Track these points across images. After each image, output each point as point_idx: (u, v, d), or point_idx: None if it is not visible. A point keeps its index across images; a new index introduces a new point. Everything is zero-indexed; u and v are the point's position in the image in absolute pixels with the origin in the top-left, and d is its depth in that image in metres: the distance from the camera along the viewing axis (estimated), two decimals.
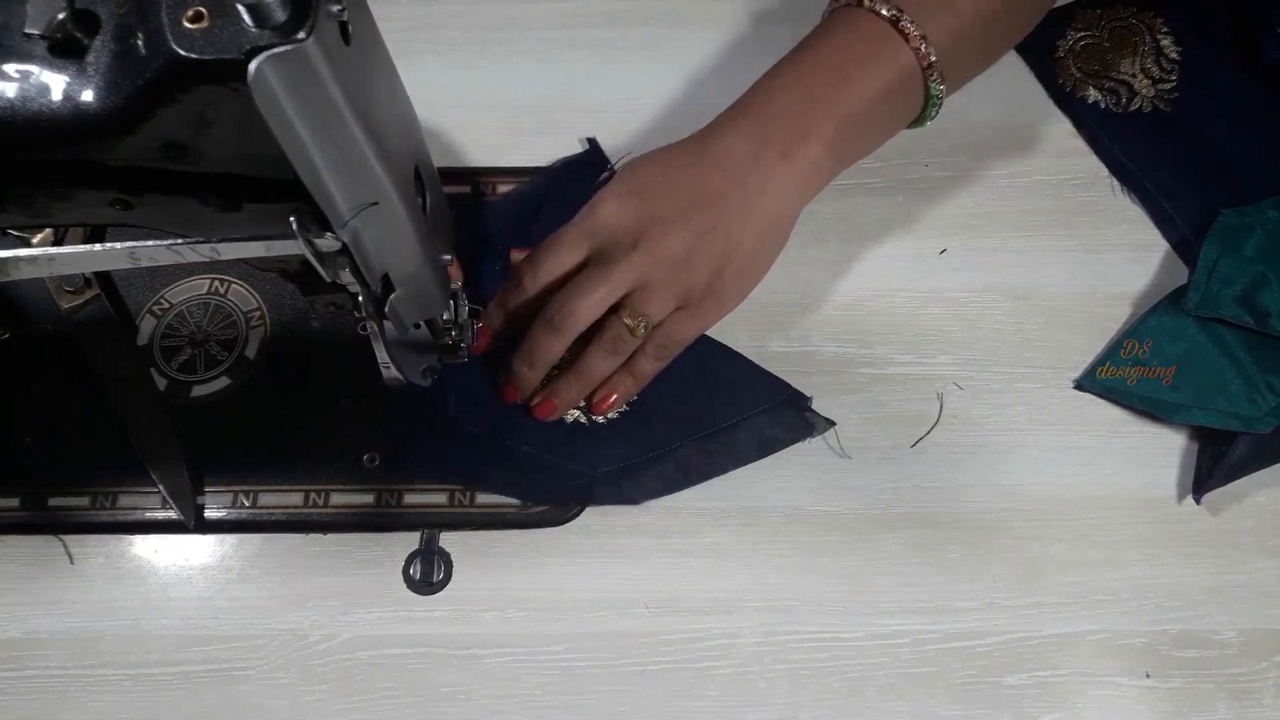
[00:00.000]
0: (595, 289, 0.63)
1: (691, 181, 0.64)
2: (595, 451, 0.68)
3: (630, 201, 0.64)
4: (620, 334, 0.64)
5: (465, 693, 0.62)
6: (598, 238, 0.65)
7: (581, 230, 0.65)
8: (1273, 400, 0.67)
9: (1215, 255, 0.71)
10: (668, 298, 0.64)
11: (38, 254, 0.48)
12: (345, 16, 0.40)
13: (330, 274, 0.50)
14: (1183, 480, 0.67)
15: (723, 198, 0.64)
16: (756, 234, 0.64)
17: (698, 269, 0.63)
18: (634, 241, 0.63)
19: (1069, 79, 0.80)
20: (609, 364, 0.66)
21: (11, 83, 0.40)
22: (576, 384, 0.67)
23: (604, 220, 0.65)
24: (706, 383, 0.70)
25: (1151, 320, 0.70)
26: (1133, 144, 0.77)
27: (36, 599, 0.65)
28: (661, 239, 0.63)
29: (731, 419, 0.69)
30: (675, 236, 0.63)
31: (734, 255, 0.64)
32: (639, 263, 0.63)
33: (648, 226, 0.63)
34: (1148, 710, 0.62)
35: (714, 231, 0.63)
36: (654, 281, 0.63)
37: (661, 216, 0.63)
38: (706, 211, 0.63)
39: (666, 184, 0.65)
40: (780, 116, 0.64)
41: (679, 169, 0.65)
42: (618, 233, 0.64)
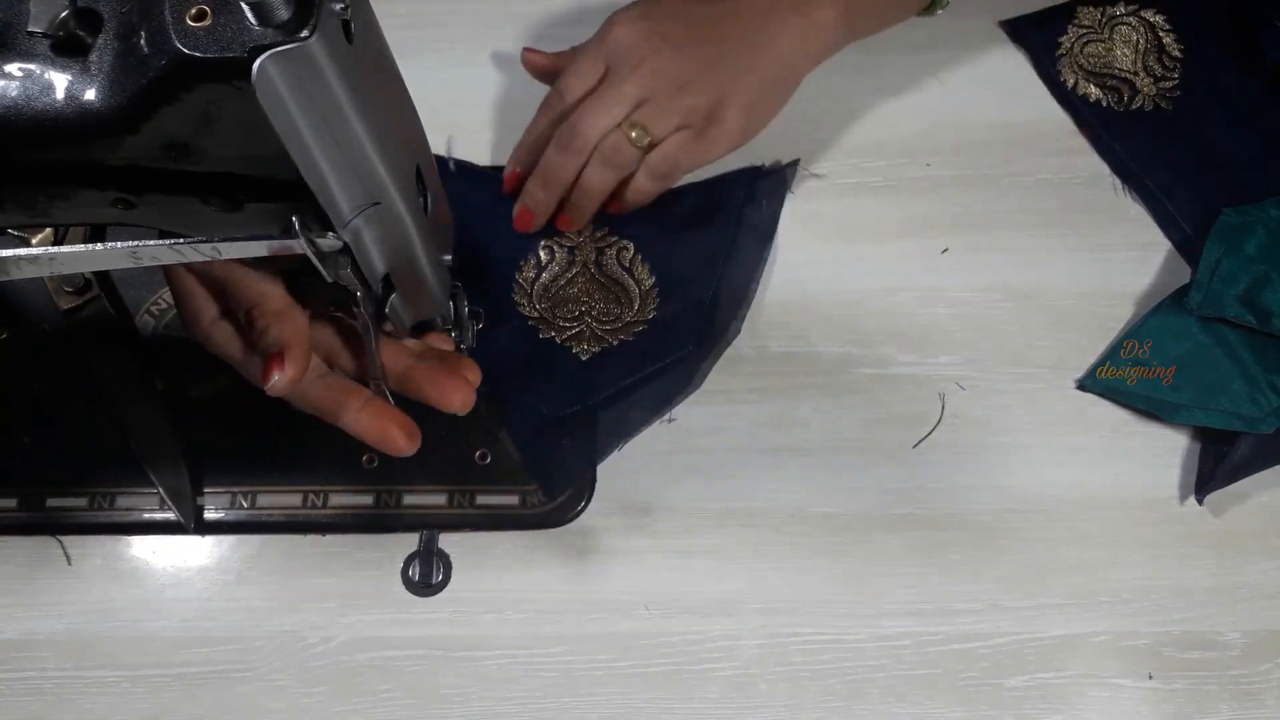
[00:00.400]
0: (601, 105, 0.65)
1: (705, 16, 0.67)
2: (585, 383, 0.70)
3: (642, 24, 0.67)
4: (619, 143, 0.66)
5: (464, 695, 0.62)
6: (610, 55, 0.67)
7: (595, 51, 0.67)
8: (1275, 400, 0.67)
9: (1218, 254, 0.71)
10: (669, 115, 0.65)
11: (38, 253, 0.48)
12: (348, 15, 0.39)
13: (331, 274, 0.49)
14: (1185, 481, 0.67)
15: (734, 36, 0.66)
16: (761, 75, 0.66)
17: (701, 93, 0.65)
18: (641, 59, 0.65)
19: (1071, 77, 0.79)
20: (607, 175, 0.67)
21: (14, 81, 0.39)
22: (583, 199, 0.69)
23: (615, 39, 0.67)
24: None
25: (1154, 320, 0.70)
26: (1134, 142, 0.77)
27: (34, 600, 0.65)
28: (669, 58, 0.65)
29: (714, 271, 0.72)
30: (683, 59, 0.65)
31: (738, 90, 0.65)
32: (644, 78, 0.65)
33: (658, 45, 0.65)
34: (1150, 712, 0.62)
35: (721, 62, 0.65)
36: (657, 98, 0.65)
37: (671, 38, 0.65)
38: (715, 43, 0.66)
39: (680, 13, 0.67)
40: None
41: (694, 4, 0.67)
42: (626, 51, 0.66)
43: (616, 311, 0.71)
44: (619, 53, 0.66)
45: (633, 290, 0.72)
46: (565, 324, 0.71)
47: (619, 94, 0.65)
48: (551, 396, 0.69)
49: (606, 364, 0.70)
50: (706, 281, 0.71)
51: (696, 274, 0.72)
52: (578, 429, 0.68)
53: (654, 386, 0.69)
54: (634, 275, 0.72)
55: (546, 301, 0.71)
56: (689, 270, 0.72)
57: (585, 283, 0.72)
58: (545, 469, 0.67)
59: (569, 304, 0.71)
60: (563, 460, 0.68)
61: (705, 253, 0.72)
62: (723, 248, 0.72)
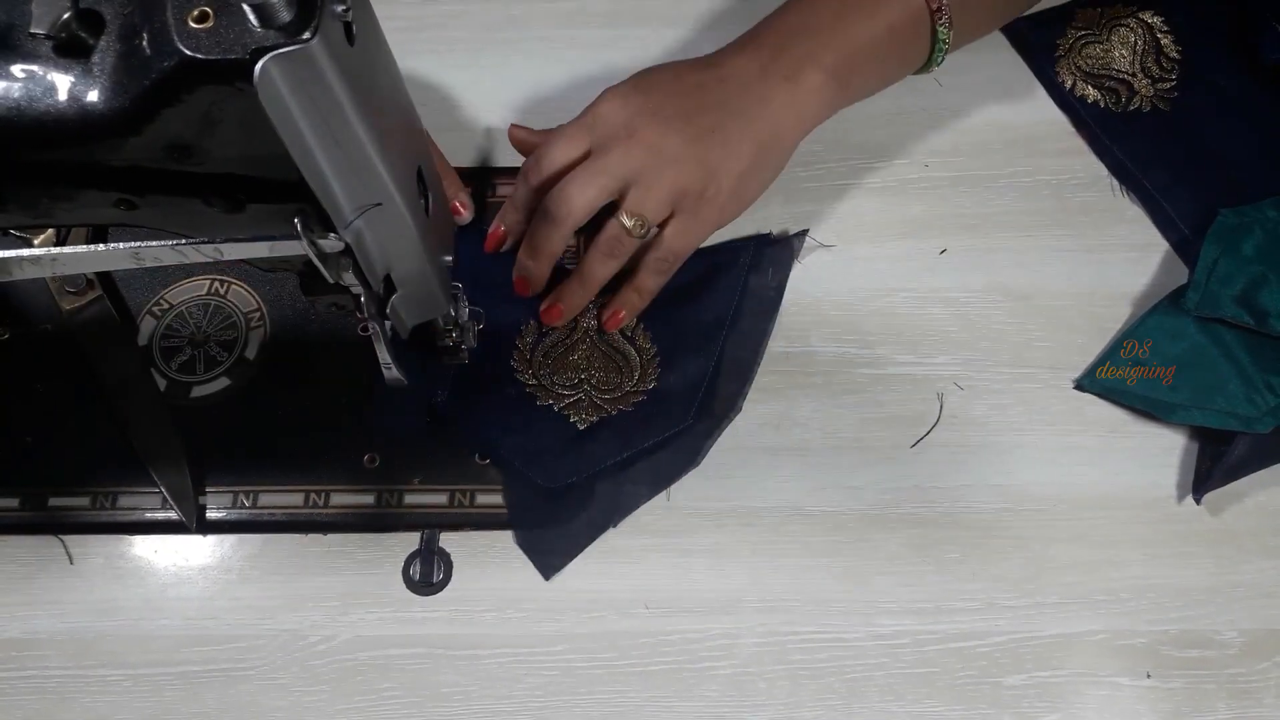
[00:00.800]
0: (590, 178, 0.64)
1: (695, 88, 0.66)
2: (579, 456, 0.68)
3: (633, 98, 0.66)
4: (617, 235, 0.65)
5: (465, 693, 0.62)
6: (597, 130, 0.65)
7: (583, 123, 0.66)
8: (1272, 400, 0.67)
9: (1215, 255, 0.71)
10: (662, 196, 0.64)
11: (40, 254, 0.48)
12: (350, 17, 0.40)
13: (333, 275, 0.50)
14: (1183, 480, 0.67)
15: (723, 106, 0.65)
16: (755, 145, 0.65)
17: (692, 169, 0.64)
18: (630, 133, 0.64)
19: (1069, 78, 0.80)
20: (608, 267, 0.67)
21: (16, 83, 0.40)
22: (580, 288, 0.68)
23: (604, 113, 0.66)
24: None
25: (1151, 320, 0.70)
26: (1132, 143, 0.77)
27: (36, 599, 0.65)
28: (658, 134, 0.64)
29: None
30: (672, 134, 0.64)
31: (731, 162, 0.65)
32: (634, 155, 0.64)
33: (647, 121, 0.64)
34: (1148, 710, 0.62)
35: (711, 135, 0.64)
36: (648, 177, 0.64)
37: (661, 113, 0.64)
38: (706, 115, 0.65)
39: (671, 87, 0.66)
40: (786, 42, 0.66)
41: (685, 76, 0.67)
42: (616, 125, 0.65)
43: (616, 380, 0.70)
44: (607, 127, 0.65)
45: (634, 359, 0.70)
46: (564, 392, 0.69)
47: (607, 167, 0.64)
48: (547, 466, 0.67)
49: (604, 434, 0.68)
50: (708, 351, 0.70)
51: (699, 343, 0.70)
52: (573, 503, 0.66)
53: (653, 461, 0.68)
54: (635, 344, 0.71)
55: (546, 369, 0.70)
56: (691, 339, 0.71)
57: (586, 350, 0.71)
58: (539, 545, 0.66)
59: (568, 372, 0.70)
60: (557, 536, 0.66)
61: (708, 321, 0.71)
62: (726, 317, 0.71)
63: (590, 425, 0.68)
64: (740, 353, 0.70)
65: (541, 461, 0.67)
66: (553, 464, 0.67)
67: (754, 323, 0.71)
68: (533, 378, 0.70)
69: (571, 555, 0.65)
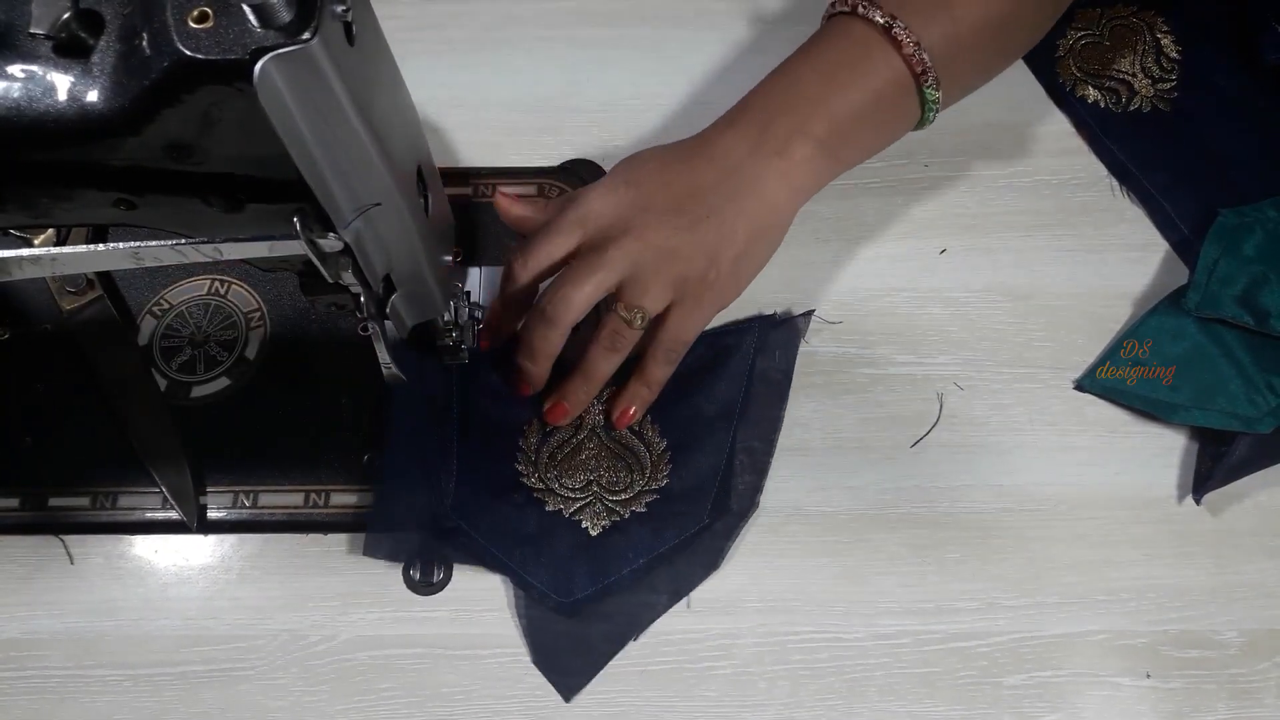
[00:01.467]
0: (586, 277, 0.62)
1: (685, 175, 0.64)
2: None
3: (623, 192, 0.64)
4: (618, 329, 0.64)
5: (465, 693, 0.62)
6: (589, 225, 0.64)
7: (573, 219, 0.64)
8: (1273, 401, 0.67)
9: (1215, 255, 0.71)
10: (662, 288, 0.63)
11: (40, 254, 0.48)
12: (349, 17, 0.40)
13: (333, 274, 0.50)
14: (1183, 481, 0.67)
15: (715, 190, 0.64)
16: (750, 225, 0.64)
17: (690, 258, 0.63)
18: (625, 229, 0.62)
19: (1069, 78, 0.80)
20: (611, 361, 0.65)
21: (16, 83, 0.40)
22: (584, 385, 0.66)
23: (596, 209, 0.64)
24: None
25: (1152, 320, 0.70)
26: (1132, 144, 0.77)
27: (36, 599, 0.65)
28: (653, 227, 0.62)
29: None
30: (667, 225, 0.62)
31: (728, 245, 0.63)
32: (630, 250, 0.62)
33: (639, 215, 0.63)
34: (1148, 710, 0.62)
35: (707, 221, 0.63)
36: (645, 271, 0.62)
37: (654, 206, 0.63)
38: (700, 203, 0.63)
39: (660, 176, 0.64)
40: (774, 116, 0.65)
41: (673, 163, 0.65)
42: (609, 221, 0.63)
43: (627, 480, 0.67)
44: (599, 223, 0.63)
45: (644, 455, 0.68)
46: (573, 495, 0.67)
47: (603, 264, 0.62)
48: (561, 578, 0.64)
49: (618, 540, 0.66)
50: (719, 444, 0.68)
51: (709, 434, 0.68)
52: (590, 617, 0.64)
53: (672, 568, 0.65)
54: (644, 439, 0.68)
55: (553, 470, 0.67)
56: (701, 430, 0.68)
57: (594, 449, 0.68)
58: (557, 664, 0.63)
59: (577, 473, 0.67)
60: (574, 653, 0.64)
61: (717, 411, 0.69)
62: (735, 405, 0.69)
63: (603, 530, 0.66)
64: (753, 443, 0.68)
65: (555, 572, 0.65)
66: (566, 575, 0.65)
67: (764, 410, 0.69)
68: (539, 481, 0.67)
69: (591, 674, 0.63)
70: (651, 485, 0.67)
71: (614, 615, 0.64)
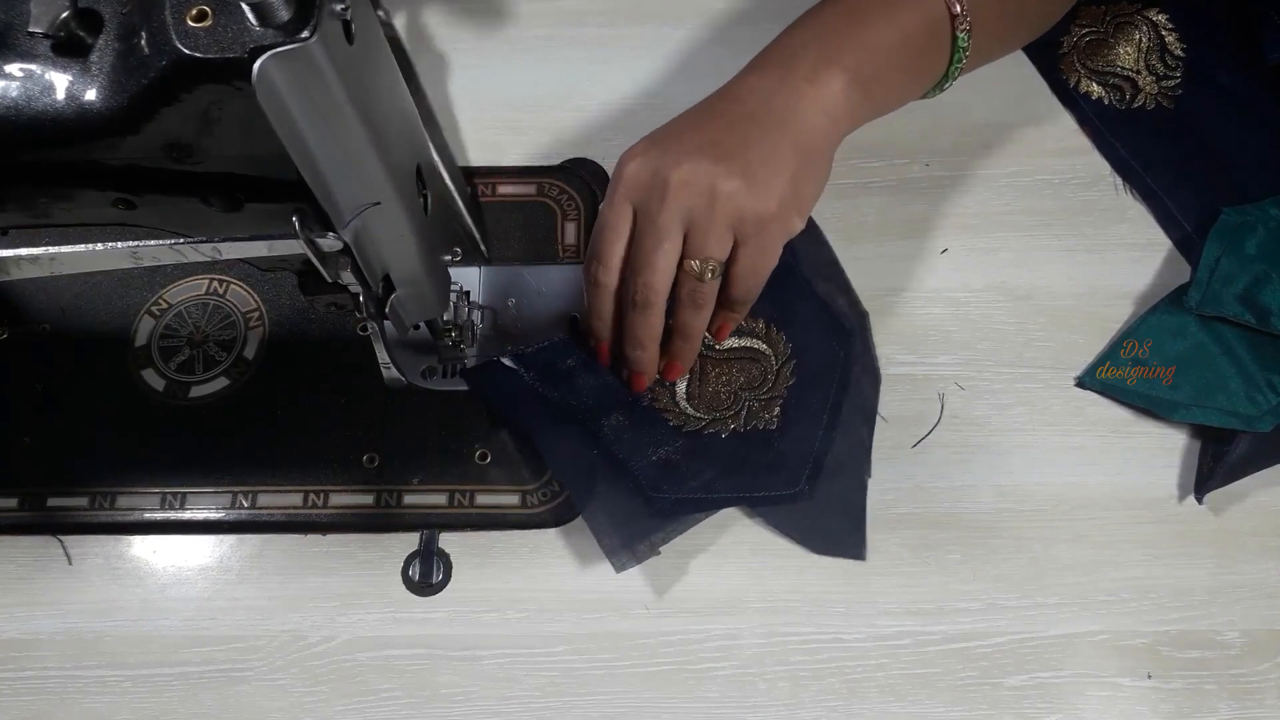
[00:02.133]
0: (651, 249, 0.61)
1: (715, 118, 0.63)
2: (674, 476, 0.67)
3: (654, 150, 0.62)
4: (694, 288, 0.63)
5: (464, 694, 0.62)
6: (633, 196, 0.62)
7: (615, 196, 0.63)
8: (1273, 399, 0.67)
9: (1217, 253, 0.71)
10: (721, 232, 0.61)
11: (39, 253, 0.48)
12: (348, 16, 0.40)
13: (332, 274, 0.50)
14: (1184, 481, 0.67)
15: (749, 123, 0.62)
16: (794, 149, 0.61)
17: (741, 195, 0.60)
18: (665, 186, 0.60)
19: (1072, 75, 0.80)
20: (702, 316, 0.65)
21: (14, 82, 0.40)
22: (685, 343, 0.66)
23: (631, 175, 0.62)
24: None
25: (1153, 319, 0.70)
26: (1135, 141, 0.77)
27: (35, 599, 0.65)
28: (694, 174, 0.60)
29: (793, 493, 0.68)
30: (704, 164, 0.60)
31: (776, 174, 0.61)
32: (678, 205, 0.60)
33: (676, 167, 0.60)
34: (1149, 711, 0.62)
35: (747, 155, 0.61)
36: (700, 220, 0.61)
37: (688, 153, 0.61)
38: (736, 139, 0.61)
39: (689, 125, 0.63)
40: (799, 51, 0.63)
41: (700, 112, 0.64)
42: (647, 181, 0.61)
43: (761, 372, 0.69)
44: (640, 188, 0.62)
45: (758, 348, 0.70)
46: (732, 411, 0.69)
47: (662, 228, 0.61)
48: (783, 475, 0.67)
49: (796, 413, 0.68)
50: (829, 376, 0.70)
51: (823, 338, 0.70)
52: (829, 488, 0.67)
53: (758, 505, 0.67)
54: (749, 331, 0.71)
55: (702, 407, 0.69)
56: (814, 333, 0.71)
57: (716, 368, 0.70)
58: (834, 539, 0.66)
59: (719, 395, 0.69)
60: (844, 517, 0.66)
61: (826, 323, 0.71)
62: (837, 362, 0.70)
63: (778, 419, 0.68)
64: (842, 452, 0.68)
65: (774, 472, 0.67)
66: (782, 469, 0.67)
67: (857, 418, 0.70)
68: (698, 421, 0.69)
69: (863, 530, 0.66)
70: (783, 370, 0.70)
71: (844, 467, 0.67)
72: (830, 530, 0.66)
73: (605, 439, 0.67)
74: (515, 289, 0.72)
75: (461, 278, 0.70)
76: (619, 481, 0.66)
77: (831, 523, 0.66)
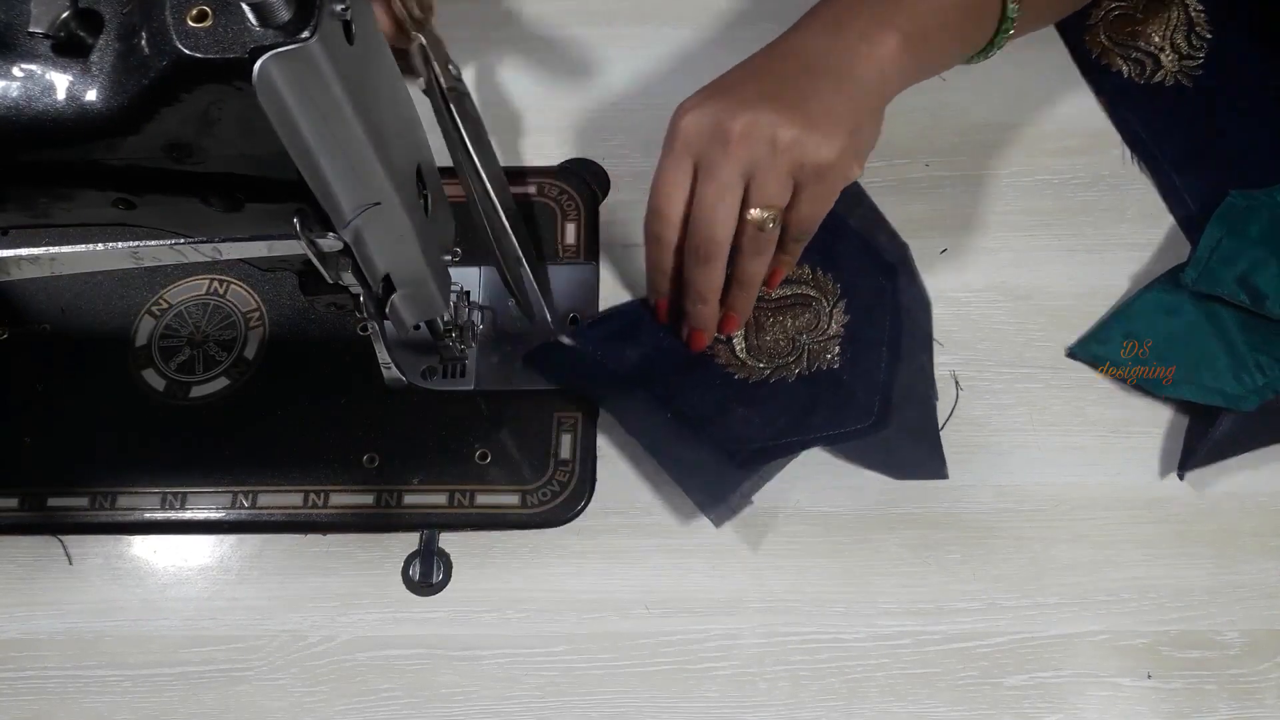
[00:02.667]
0: (715, 202, 0.61)
1: (771, 70, 0.63)
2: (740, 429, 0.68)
3: (712, 102, 0.62)
4: (754, 235, 0.63)
5: (464, 694, 0.62)
6: (692, 149, 0.62)
7: (674, 149, 0.63)
8: (1259, 380, 0.67)
9: (1220, 234, 0.71)
10: (782, 180, 0.61)
11: (40, 253, 0.48)
12: (349, 16, 0.40)
13: (332, 274, 0.50)
14: (1184, 480, 0.67)
15: (806, 75, 0.62)
16: (851, 98, 0.62)
17: (801, 143, 0.60)
18: (726, 137, 0.60)
19: (1096, 47, 0.80)
20: (761, 263, 0.65)
21: (15, 82, 0.40)
22: (743, 292, 0.67)
23: (690, 127, 0.62)
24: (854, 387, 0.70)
25: (1148, 295, 0.71)
26: (1150, 115, 0.78)
27: (35, 599, 0.65)
28: (754, 124, 0.60)
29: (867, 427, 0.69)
30: (767, 117, 0.60)
31: (834, 121, 0.61)
32: (739, 156, 0.60)
33: (735, 114, 0.60)
34: (1149, 711, 0.62)
35: (805, 102, 0.61)
36: (761, 169, 0.61)
37: (747, 103, 0.61)
38: (793, 88, 0.61)
39: (746, 75, 0.63)
40: (853, 9, 0.64)
41: (755, 63, 0.64)
42: (706, 133, 0.61)
43: (813, 317, 0.71)
44: (700, 141, 0.61)
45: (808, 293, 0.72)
46: (790, 358, 0.70)
47: (723, 183, 0.61)
48: (850, 411, 0.68)
49: (859, 349, 0.70)
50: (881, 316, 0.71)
51: (868, 274, 0.72)
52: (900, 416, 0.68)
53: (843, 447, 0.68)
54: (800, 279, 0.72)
55: (762, 358, 0.70)
56: (859, 270, 0.72)
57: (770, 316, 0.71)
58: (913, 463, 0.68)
59: (778, 343, 0.70)
60: (921, 443, 0.68)
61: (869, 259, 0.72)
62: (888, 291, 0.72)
63: (841, 357, 0.70)
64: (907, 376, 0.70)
65: (844, 410, 0.68)
66: (849, 405, 0.68)
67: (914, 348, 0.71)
68: (761, 372, 0.70)
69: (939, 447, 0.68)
70: (835, 310, 0.71)
71: (911, 393, 0.69)
72: (909, 456, 0.68)
73: (675, 401, 0.68)
74: None
75: (461, 278, 0.70)
76: (698, 441, 0.66)
77: (908, 449, 0.68)
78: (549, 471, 0.67)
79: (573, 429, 0.69)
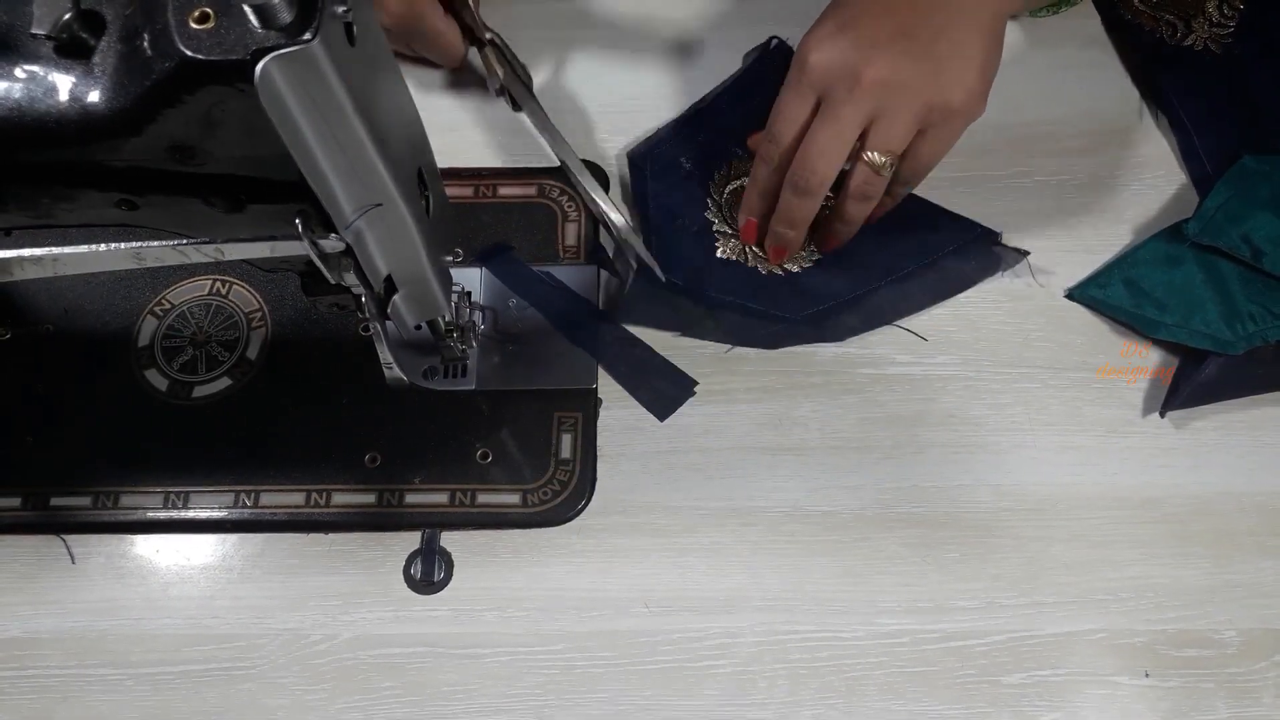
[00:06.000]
0: (830, 140, 0.61)
1: (899, 4, 0.62)
2: (797, 299, 0.71)
3: (840, 38, 0.61)
4: (868, 179, 0.63)
5: (466, 692, 0.62)
6: (818, 83, 0.62)
7: (801, 82, 0.62)
8: (1251, 328, 0.68)
9: (1229, 194, 0.72)
10: (907, 124, 0.61)
11: (41, 254, 0.48)
12: (350, 17, 0.40)
13: (334, 275, 0.50)
14: (1183, 481, 0.67)
15: (937, 8, 0.62)
16: (981, 35, 0.62)
17: (931, 85, 0.60)
18: (855, 75, 0.60)
19: (1128, 8, 0.81)
20: (865, 207, 0.66)
21: (17, 83, 0.40)
22: (844, 228, 0.68)
23: (819, 64, 0.61)
24: (899, 228, 0.72)
25: (1150, 245, 0.72)
26: (1176, 74, 0.79)
27: (38, 599, 0.65)
28: (885, 63, 0.60)
29: (925, 259, 0.72)
30: (899, 57, 0.60)
31: (966, 61, 0.61)
32: (866, 96, 0.60)
33: (865, 55, 0.60)
34: (1147, 710, 0.62)
35: (938, 44, 0.61)
36: (888, 111, 0.61)
37: (879, 40, 0.60)
38: (926, 24, 0.61)
39: (873, 8, 0.62)
40: None
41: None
42: (835, 72, 0.61)
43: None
44: (827, 77, 0.61)
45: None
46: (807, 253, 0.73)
47: (844, 120, 0.61)
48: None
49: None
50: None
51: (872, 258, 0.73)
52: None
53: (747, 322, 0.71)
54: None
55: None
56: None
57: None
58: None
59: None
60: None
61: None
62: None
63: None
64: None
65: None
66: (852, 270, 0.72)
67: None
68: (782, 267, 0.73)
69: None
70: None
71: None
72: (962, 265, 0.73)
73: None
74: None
75: (462, 278, 0.70)
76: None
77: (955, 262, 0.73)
78: (549, 471, 0.67)
79: (573, 429, 0.69)
